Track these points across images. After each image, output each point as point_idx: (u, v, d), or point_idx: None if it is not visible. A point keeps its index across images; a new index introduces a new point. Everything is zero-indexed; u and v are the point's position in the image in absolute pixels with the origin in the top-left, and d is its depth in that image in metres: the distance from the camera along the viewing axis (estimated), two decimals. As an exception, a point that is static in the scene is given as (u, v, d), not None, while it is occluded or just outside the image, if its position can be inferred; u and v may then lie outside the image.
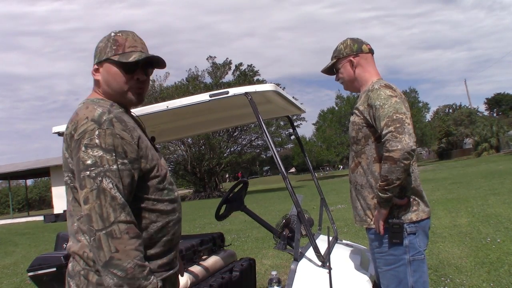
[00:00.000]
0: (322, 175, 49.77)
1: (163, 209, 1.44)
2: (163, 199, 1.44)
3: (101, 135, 1.30)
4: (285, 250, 2.42)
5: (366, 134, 2.04)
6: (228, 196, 2.98)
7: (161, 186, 1.44)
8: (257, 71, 34.38)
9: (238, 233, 8.66)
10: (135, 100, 1.50)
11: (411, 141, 1.80)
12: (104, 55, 1.47)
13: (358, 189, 2.09)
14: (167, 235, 1.45)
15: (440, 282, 3.99)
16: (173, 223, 1.47)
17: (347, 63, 2.17)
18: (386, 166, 1.83)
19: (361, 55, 2.16)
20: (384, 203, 1.90)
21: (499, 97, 66.63)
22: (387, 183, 1.84)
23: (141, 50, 1.47)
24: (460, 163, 30.23)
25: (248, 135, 34.48)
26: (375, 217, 1.99)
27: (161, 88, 33.01)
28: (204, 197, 30.35)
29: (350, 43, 2.18)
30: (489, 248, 4.99)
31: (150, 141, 1.52)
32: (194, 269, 2.59)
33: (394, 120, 1.84)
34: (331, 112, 52.11)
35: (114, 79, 1.45)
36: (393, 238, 1.93)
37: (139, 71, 1.47)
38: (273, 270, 2.59)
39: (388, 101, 1.91)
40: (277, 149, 2.89)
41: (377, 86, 2.01)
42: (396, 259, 1.95)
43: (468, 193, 10.71)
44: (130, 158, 1.34)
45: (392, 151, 1.80)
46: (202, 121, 3.32)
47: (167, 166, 1.55)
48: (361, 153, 2.07)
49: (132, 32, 1.51)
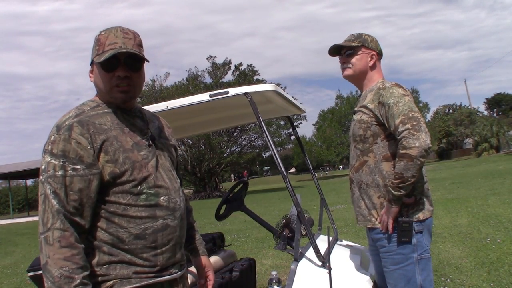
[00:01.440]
0: (322, 175, 49.77)
1: (136, 215, 1.37)
2: (137, 204, 1.38)
3: (55, 141, 1.32)
4: (285, 250, 2.42)
5: (375, 132, 2.01)
6: (228, 196, 2.99)
7: (136, 191, 1.38)
8: (257, 70, 34.40)
9: (238, 233, 8.66)
10: (121, 97, 1.45)
11: (428, 139, 1.80)
12: (91, 57, 1.47)
13: (363, 188, 2.06)
14: (145, 243, 1.38)
15: (440, 282, 3.99)
16: (152, 230, 1.39)
17: (368, 55, 2.14)
18: (402, 163, 1.82)
19: (378, 57, 2.19)
20: (396, 201, 1.89)
21: (499, 97, 66.61)
22: (402, 180, 1.83)
23: (121, 46, 1.41)
24: (460, 163, 30.23)
25: (248, 135, 34.50)
26: (383, 216, 1.96)
27: (161, 88, 33.01)
28: (204, 197, 30.35)
29: (376, 41, 2.18)
30: (489, 248, 4.99)
31: (150, 142, 1.48)
32: (194, 269, 2.58)
33: (410, 118, 1.83)
34: (331, 112, 52.14)
35: (99, 80, 1.45)
36: (402, 237, 1.92)
37: (120, 68, 1.42)
38: (273, 270, 2.59)
39: (401, 100, 1.91)
40: (277, 149, 2.88)
41: (388, 85, 2.01)
42: (404, 258, 1.94)
43: (468, 193, 10.71)
44: (86, 163, 1.32)
45: (409, 148, 1.79)
46: (202, 121, 3.32)
47: (157, 170, 1.46)
48: (369, 151, 2.04)
49: (117, 28, 1.46)
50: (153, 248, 1.39)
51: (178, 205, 1.49)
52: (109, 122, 1.42)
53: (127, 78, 1.44)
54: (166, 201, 1.44)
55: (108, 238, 1.35)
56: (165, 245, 1.42)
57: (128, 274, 1.35)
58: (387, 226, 1.94)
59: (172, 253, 1.45)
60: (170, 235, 1.44)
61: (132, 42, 1.45)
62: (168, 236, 1.43)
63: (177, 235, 1.47)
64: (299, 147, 3.81)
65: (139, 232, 1.37)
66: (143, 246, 1.37)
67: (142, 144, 1.46)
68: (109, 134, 1.39)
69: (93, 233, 1.36)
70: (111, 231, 1.35)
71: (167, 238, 1.43)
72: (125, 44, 1.42)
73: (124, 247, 1.35)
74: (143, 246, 1.37)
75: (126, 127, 1.45)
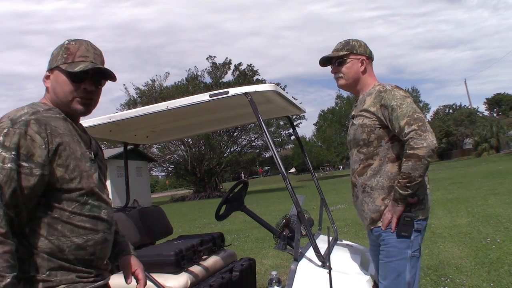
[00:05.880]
0: (322, 175, 49.76)
1: (80, 225, 1.37)
2: (82, 214, 1.37)
3: (9, 134, 1.28)
4: (285, 250, 2.42)
5: (380, 135, 2.02)
6: (228, 196, 2.98)
7: (82, 200, 1.38)
8: (257, 70, 34.43)
9: (238, 233, 8.65)
10: (81, 110, 1.47)
11: (434, 138, 1.84)
12: (55, 62, 1.46)
13: (367, 191, 2.06)
14: (84, 254, 1.38)
15: (440, 282, 3.99)
16: (93, 242, 1.40)
17: (358, 61, 2.14)
18: (410, 163, 1.84)
19: (369, 60, 2.19)
20: (402, 200, 1.92)
21: (499, 97, 66.62)
22: (410, 180, 1.86)
23: (92, 61, 1.45)
24: (460, 163, 30.23)
25: (248, 135, 34.50)
26: (386, 214, 1.98)
27: (161, 88, 33.02)
28: (204, 197, 30.35)
29: (364, 45, 2.18)
30: (489, 248, 4.99)
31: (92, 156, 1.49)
32: (194, 269, 2.59)
33: (416, 119, 1.86)
34: (331, 112, 52.12)
35: (61, 88, 1.44)
36: (402, 231, 1.94)
37: (87, 81, 1.45)
38: (273, 270, 2.59)
39: (404, 101, 1.93)
40: (277, 149, 2.88)
41: (389, 87, 2.03)
42: (399, 252, 1.97)
43: (468, 193, 10.71)
44: (36, 162, 1.29)
45: (417, 148, 1.82)
46: (202, 121, 3.32)
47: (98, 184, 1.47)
48: (373, 154, 2.04)
49: (87, 42, 1.50)
50: (90, 260, 1.40)
51: (113, 221, 1.53)
52: (62, 127, 1.41)
53: (91, 92, 1.47)
54: (106, 214, 1.46)
55: (47, 247, 1.32)
56: (101, 258, 1.45)
57: (73, 279, 1.35)
58: (389, 224, 1.97)
59: (104, 265, 1.50)
60: (106, 249, 1.47)
61: (100, 59, 1.51)
62: (104, 250, 1.46)
63: (110, 250, 1.52)
64: (299, 147, 3.81)
65: (81, 242, 1.37)
66: (82, 257, 1.37)
67: (87, 156, 1.46)
68: (63, 138, 1.38)
69: (31, 239, 1.32)
70: (52, 239, 1.33)
71: (104, 252, 1.46)
72: (95, 59, 1.48)
73: (62, 257, 1.34)
74: (82, 257, 1.37)
75: (75, 136, 1.45)
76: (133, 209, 3.38)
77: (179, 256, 2.49)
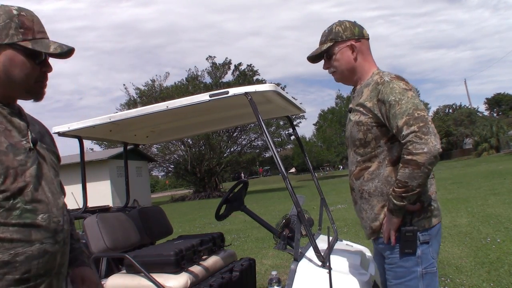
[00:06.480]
0: (322, 175, 49.77)
1: (5, 237, 1.07)
2: (7, 223, 1.08)
3: None
4: (285, 250, 2.42)
5: (377, 135, 1.75)
6: (228, 196, 2.98)
7: (7, 205, 1.08)
8: (257, 70, 34.45)
9: (238, 233, 8.65)
10: (41, 95, 1.26)
11: (438, 142, 1.56)
12: (6, 37, 1.16)
13: (365, 197, 1.82)
14: (16, 273, 1.08)
15: (440, 282, 3.99)
16: (25, 258, 1.10)
17: (347, 48, 1.84)
18: (407, 171, 1.58)
19: (362, 41, 1.86)
20: (397, 211, 1.66)
21: (499, 97, 66.61)
22: (406, 189, 1.60)
23: (49, 38, 1.24)
24: (460, 163, 30.23)
25: (248, 135, 34.51)
26: (385, 225, 1.74)
27: (161, 88, 33.02)
28: (204, 197, 30.35)
29: (350, 26, 1.86)
30: (489, 248, 4.99)
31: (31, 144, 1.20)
32: (194, 269, 2.59)
33: (416, 118, 1.58)
34: (331, 112, 52.10)
35: (20, 69, 1.18)
36: (405, 248, 1.70)
37: (47, 63, 1.24)
38: (273, 270, 2.59)
39: (404, 96, 1.64)
40: (277, 149, 2.88)
41: (387, 79, 1.73)
42: (407, 271, 1.71)
43: (468, 193, 10.71)
44: None
45: (416, 154, 1.55)
46: (202, 121, 3.32)
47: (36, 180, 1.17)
48: (371, 156, 1.78)
49: (31, 12, 1.23)
50: (24, 280, 1.10)
51: (61, 226, 1.21)
52: None
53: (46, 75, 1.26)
54: (45, 220, 1.16)
55: None
56: (41, 276, 1.14)
57: None
58: (390, 238, 1.73)
59: (49, 286, 1.17)
60: (49, 263, 1.16)
61: None
62: (45, 265, 1.15)
63: (57, 263, 1.20)
64: (299, 147, 3.80)
65: (7, 259, 1.07)
66: (11, 278, 1.08)
67: (20, 147, 1.17)
68: None
69: None
70: None
71: (44, 268, 1.15)
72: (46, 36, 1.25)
73: None
74: (12, 279, 1.08)
75: (2, 124, 1.17)
76: (133, 209, 3.39)
77: (179, 256, 2.49)
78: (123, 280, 2.50)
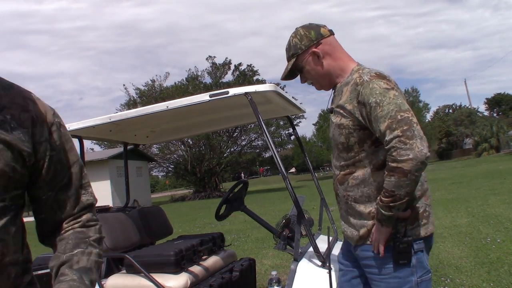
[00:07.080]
0: (322, 175, 49.76)
1: None
2: None
3: None
4: (285, 250, 2.42)
5: (360, 138, 1.62)
6: (228, 196, 2.99)
7: None
8: (257, 71, 34.43)
9: (238, 233, 8.65)
10: None
11: (425, 146, 1.43)
12: None
13: (350, 203, 1.69)
14: None
15: (440, 282, 3.99)
16: None
17: (310, 57, 1.74)
18: (393, 179, 1.46)
19: (323, 42, 1.73)
20: (386, 221, 1.54)
21: (499, 97, 66.61)
22: (394, 199, 1.48)
23: None
24: (460, 163, 30.23)
25: (248, 135, 34.52)
26: (374, 234, 1.61)
27: (161, 88, 33.03)
28: (204, 197, 30.34)
29: (305, 32, 1.75)
30: (489, 248, 4.99)
31: None
32: (194, 269, 2.59)
33: (399, 121, 1.45)
34: (331, 112, 51.92)
35: None
36: (399, 259, 1.58)
37: None
38: (273, 270, 2.59)
39: (385, 97, 1.51)
40: (277, 149, 2.88)
41: (366, 78, 1.59)
42: (402, 282, 1.59)
43: (468, 193, 10.71)
44: None
45: (401, 161, 1.42)
46: (202, 121, 3.32)
47: None
48: (355, 161, 1.66)
49: None
50: None
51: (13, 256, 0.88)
52: None
53: None
54: None
55: None
56: None
57: None
58: (379, 249, 1.59)
59: None
60: None
61: None
62: None
63: None
64: (299, 147, 3.81)
65: None
66: None
67: None
68: None
69: None
70: None
71: None
72: None
73: None
74: None
75: None
76: (133, 209, 3.39)
77: (179, 256, 2.49)
78: (123, 280, 2.50)
